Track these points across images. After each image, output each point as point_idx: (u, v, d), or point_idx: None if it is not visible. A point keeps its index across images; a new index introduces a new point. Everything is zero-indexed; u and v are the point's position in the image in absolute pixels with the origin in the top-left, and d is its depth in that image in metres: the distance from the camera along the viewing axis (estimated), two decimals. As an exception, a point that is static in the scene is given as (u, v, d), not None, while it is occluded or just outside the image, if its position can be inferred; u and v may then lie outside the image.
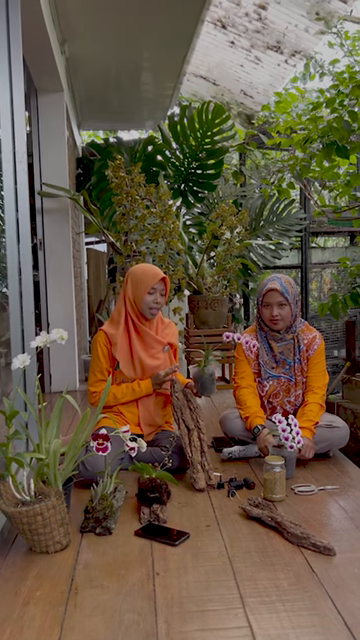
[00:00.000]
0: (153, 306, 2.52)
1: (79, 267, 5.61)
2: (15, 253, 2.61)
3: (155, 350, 2.60)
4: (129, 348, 2.56)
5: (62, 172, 4.23)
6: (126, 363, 2.56)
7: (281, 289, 2.50)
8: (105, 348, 2.57)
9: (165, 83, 5.16)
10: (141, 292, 2.50)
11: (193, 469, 2.28)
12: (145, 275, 2.52)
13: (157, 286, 2.51)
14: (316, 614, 1.40)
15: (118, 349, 2.54)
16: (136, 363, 2.56)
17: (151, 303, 2.51)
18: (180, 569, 1.64)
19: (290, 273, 7.51)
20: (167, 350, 2.65)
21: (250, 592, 1.51)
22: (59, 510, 1.78)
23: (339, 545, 1.76)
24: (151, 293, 2.50)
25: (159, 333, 2.64)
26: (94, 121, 6.39)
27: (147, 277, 2.51)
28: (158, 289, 2.52)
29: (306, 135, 3.56)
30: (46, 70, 3.80)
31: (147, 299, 2.50)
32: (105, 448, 1.97)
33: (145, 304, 2.51)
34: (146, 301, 2.50)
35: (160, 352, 2.62)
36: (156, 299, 2.52)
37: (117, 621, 1.40)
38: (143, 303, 2.51)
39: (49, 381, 4.33)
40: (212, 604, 1.46)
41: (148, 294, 2.50)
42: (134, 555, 1.74)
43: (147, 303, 2.51)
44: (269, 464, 2.13)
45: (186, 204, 5.31)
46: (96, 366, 2.58)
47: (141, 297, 2.50)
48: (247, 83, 5.34)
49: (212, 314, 4.09)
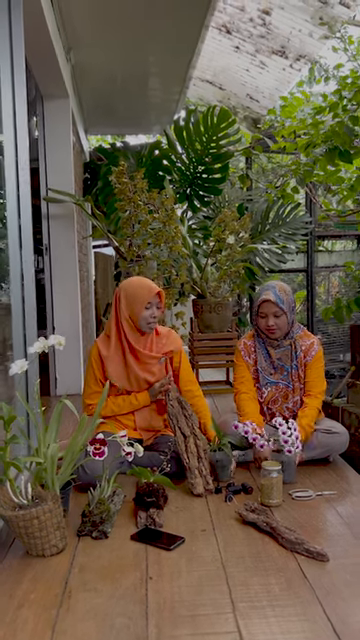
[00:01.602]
0: (151, 320, 2.51)
1: (86, 271, 5.65)
2: (17, 259, 2.65)
3: (150, 365, 2.59)
4: (123, 364, 2.57)
5: (67, 177, 4.27)
6: (121, 380, 2.57)
7: (275, 300, 2.51)
8: (99, 362, 2.58)
9: (171, 88, 5.20)
10: (137, 308, 2.48)
11: (191, 475, 2.29)
12: (140, 290, 2.51)
13: (153, 300, 2.50)
14: (305, 620, 1.41)
15: (110, 369, 2.54)
16: (132, 379, 2.57)
17: (149, 318, 2.50)
18: (174, 573, 1.66)
19: (297, 277, 7.51)
20: (163, 362, 2.65)
21: (241, 597, 1.52)
22: (55, 514, 1.80)
23: (333, 551, 1.76)
24: (148, 308, 2.49)
25: (154, 346, 2.62)
26: (101, 126, 6.44)
27: (143, 292, 2.49)
28: (154, 303, 2.51)
29: (309, 140, 3.57)
30: (51, 77, 3.84)
31: (144, 314, 2.48)
32: (102, 453, 1.99)
33: (143, 319, 2.49)
34: (144, 316, 2.49)
35: (155, 365, 2.61)
36: (153, 313, 2.51)
37: (108, 625, 1.42)
38: (140, 319, 2.49)
39: (54, 384, 4.36)
40: (203, 609, 1.48)
41: (145, 309, 2.48)
42: (129, 559, 1.76)
43: (145, 318, 2.49)
44: (266, 469, 2.13)
45: (192, 208, 5.33)
46: (90, 378, 2.60)
47: (138, 313, 2.48)
48: (253, 87, 5.36)
49: (216, 318, 4.11)
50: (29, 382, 2.72)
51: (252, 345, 2.70)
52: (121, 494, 2.17)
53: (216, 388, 4.30)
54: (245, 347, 2.71)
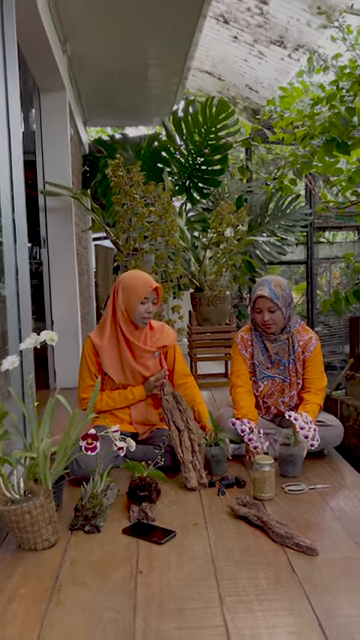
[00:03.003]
0: (146, 315, 2.51)
1: (85, 264, 5.65)
2: (12, 253, 2.65)
3: (145, 359, 2.60)
4: (119, 357, 2.57)
5: (65, 170, 4.26)
6: (117, 373, 2.57)
7: (270, 295, 2.50)
8: (93, 356, 2.58)
9: (170, 79, 5.16)
10: (133, 302, 2.48)
11: (184, 469, 2.30)
12: (137, 284, 2.50)
13: (149, 295, 2.49)
14: (291, 614, 1.42)
15: (105, 361, 2.54)
16: (127, 372, 2.58)
17: (144, 313, 2.50)
18: (163, 567, 1.67)
19: (298, 268, 7.49)
20: (157, 355, 2.65)
21: (229, 591, 1.53)
22: (47, 509, 1.82)
23: (323, 545, 1.77)
24: (143, 303, 2.49)
25: (148, 340, 2.63)
26: (101, 118, 6.41)
27: (139, 286, 2.49)
28: (150, 298, 2.51)
29: (306, 131, 3.54)
30: (47, 69, 3.82)
31: (140, 309, 2.49)
32: (94, 448, 2.00)
33: (138, 314, 2.50)
34: (139, 311, 2.49)
35: (150, 359, 2.62)
36: (148, 308, 2.51)
37: (96, 619, 1.43)
38: (136, 313, 2.49)
39: (54, 378, 4.38)
40: (191, 602, 1.49)
41: (140, 304, 2.48)
42: (120, 553, 1.77)
43: (140, 313, 2.49)
44: (258, 463, 2.14)
45: (191, 200, 5.31)
46: (85, 372, 2.60)
47: (133, 307, 2.48)
48: (252, 78, 5.32)
49: (214, 311, 4.10)
50: (24, 377, 2.73)
51: (249, 339, 2.70)
52: (115, 488, 2.19)
53: (214, 381, 4.31)
54: (242, 340, 2.71)
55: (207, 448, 2.40)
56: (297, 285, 8.08)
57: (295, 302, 7.79)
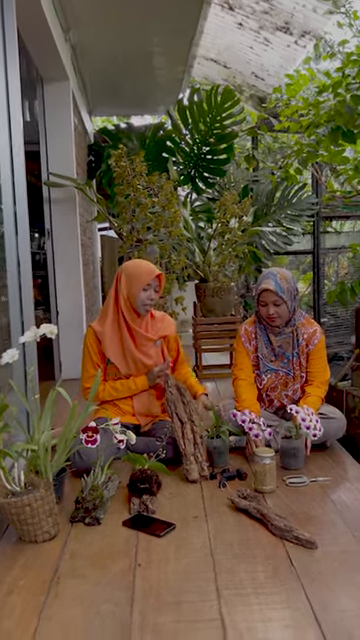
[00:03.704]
0: (147, 302, 2.53)
1: (91, 254, 5.64)
2: (13, 245, 2.64)
3: (147, 347, 2.61)
4: (120, 344, 2.58)
5: (69, 161, 4.24)
6: (119, 360, 2.58)
7: (275, 288, 2.48)
8: (95, 345, 2.59)
9: (174, 67, 5.11)
10: (136, 289, 2.50)
11: (186, 461, 2.30)
12: (140, 271, 2.53)
13: (152, 282, 2.52)
14: (288, 608, 1.42)
15: (108, 347, 2.56)
16: (129, 359, 2.59)
17: (145, 300, 2.52)
18: (162, 560, 1.68)
19: (306, 258, 7.43)
20: (159, 344, 2.67)
21: (227, 584, 1.54)
22: (47, 501, 1.83)
23: (322, 538, 1.76)
24: (146, 290, 2.51)
25: (149, 328, 2.64)
26: (106, 107, 6.37)
27: (142, 274, 2.51)
28: (153, 285, 2.53)
29: (311, 120, 3.49)
30: (49, 58, 3.79)
31: (142, 296, 2.51)
32: (94, 440, 2.01)
33: (140, 301, 2.51)
34: (141, 298, 2.51)
35: (152, 348, 2.63)
36: (150, 295, 2.53)
37: (94, 612, 1.44)
38: (137, 300, 2.51)
39: (59, 369, 4.39)
40: (188, 595, 1.49)
41: (143, 291, 2.50)
42: (120, 546, 1.78)
43: (142, 300, 2.51)
44: (259, 456, 2.14)
45: (196, 190, 5.28)
46: (88, 362, 2.61)
47: (135, 294, 2.51)
48: (258, 65, 5.25)
49: (219, 302, 4.09)
50: (27, 370, 2.74)
51: (253, 331, 2.69)
52: (116, 480, 2.19)
53: (219, 372, 4.30)
54: (246, 333, 2.70)
55: (209, 440, 2.40)
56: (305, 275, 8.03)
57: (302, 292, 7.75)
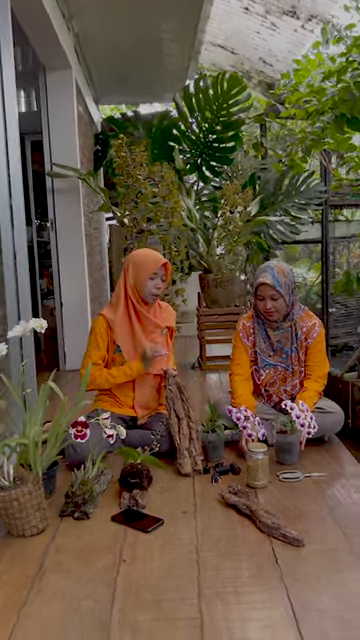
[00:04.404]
0: (154, 291, 2.54)
1: (98, 245, 5.63)
2: (9, 237, 2.64)
3: (155, 334, 2.62)
4: (130, 332, 2.58)
5: (72, 151, 4.21)
6: (128, 347, 2.57)
7: (272, 282, 2.44)
8: (105, 333, 2.58)
9: (180, 53, 5.03)
10: (142, 277, 2.52)
11: (180, 455, 2.29)
12: (147, 260, 2.54)
13: (159, 271, 2.53)
14: (268, 608, 1.41)
15: (118, 334, 2.56)
16: (138, 347, 2.58)
17: (152, 288, 2.53)
18: (147, 556, 1.67)
19: (316, 247, 7.32)
20: (165, 333, 2.68)
21: (209, 582, 1.53)
22: (35, 496, 1.83)
23: (311, 536, 1.74)
24: (152, 278, 2.52)
25: (157, 317, 2.66)
26: (113, 95, 6.30)
27: (149, 262, 2.52)
28: (159, 274, 2.54)
29: (315, 107, 3.41)
30: (51, 47, 3.75)
31: (149, 284, 2.52)
32: (84, 435, 2.00)
33: (147, 289, 2.53)
34: (148, 286, 2.53)
35: (159, 336, 2.64)
36: (157, 284, 2.54)
37: (74, 608, 1.44)
38: (145, 288, 2.53)
39: (64, 359, 4.40)
40: (169, 593, 1.49)
41: (150, 279, 2.52)
42: (107, 541, 1.78)
43: (149, 288, 2.53)
44: (252, 451, 2.12)
45: (202, 179, 5.22)
46: (93, 349, 2.58)
47: (143, 282, 2.52)
48: (265, 51, 5.15)
49: (223, 293, 4.05)
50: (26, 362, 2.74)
51: (251, 326, 2.66)
52: (108, 474, 2.19)
53: (223, 363, 4.26)
54: (244, 328, 2.67)
55: (204, 434, 2.39)
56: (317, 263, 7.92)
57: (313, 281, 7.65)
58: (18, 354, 2.71)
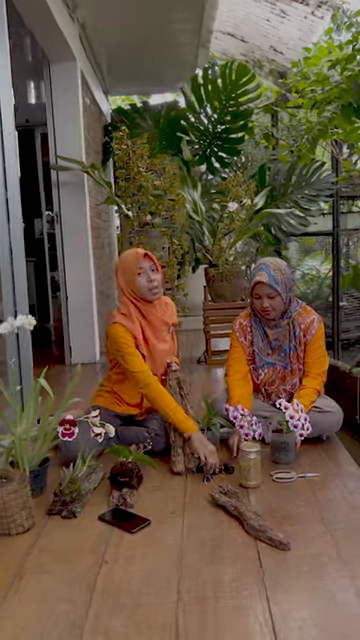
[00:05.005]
0: (149, 286, 2.41)
1: (107, 237, 5.60)
2: (6, 233, 2.62)
3: (163, 333, 2.55)
4: (142, 336, 2.49)
5: (77, 143, 4.18)
6: (144, 350, 2.47)
7: (269, 281, 2.38)
8: (132, 340, 2.41)
9: (189, 42, 4.95)
10: (131, 278, 2.40)
11: (174, 452, 2.26)
12: (127, 260, 2.44)
13: (143, 264, 2.40)
14: (245, 615, 1.37)
15: (140, 343, 2.44)
16: (151, 350, 2.50)
17: (146, 283, 2.40)
18: (129, 558, 1.65)
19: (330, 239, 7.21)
20: (171, 331, 2.61)
21: (189, 587, 1.50)
22: (20, 494, 1.82)
23: (298, 539, 1.70)
24: (140, 274, 2.40)
25: (165, 314, 2.58)
26: (123, 86, 6.25)
27: (130, 261, 2.43)
28: (145, 267, 2.41)
29: (321, 97, 3.33)
30: (54, 39, 3.71)
31: (140, 282, 2.40)
32: (71, 433, 1.99)
33: (142, 287, 2.40)
34: (140, 284, 2.40)
35: (167, 335, 2.57)
36: (149, 277, 2.40)
37: (50, 610, 1.43)
38: (140, 287, 2.41)
39: (69, 353, 4.40)
40: (147, 597, 1.46)
41: (137, 275, 2.40)
42: (91, 541, 1.76)
43: (143, 285, 2.40)
44: (244, 450, 2.08)
45: (210, 170, 5.15)
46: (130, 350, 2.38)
47: (133, 282, 2.40)
48: (276, 38, 5.04)
49: (228, 287, 4.00)
50: (21, 359, 2.74)
51: (248, 325, 2.61)
52: (100, 472, 2.17)
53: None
54: (241, 327, 2.63)
55: None
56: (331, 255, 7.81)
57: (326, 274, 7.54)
58: (15, 350, 2.70)
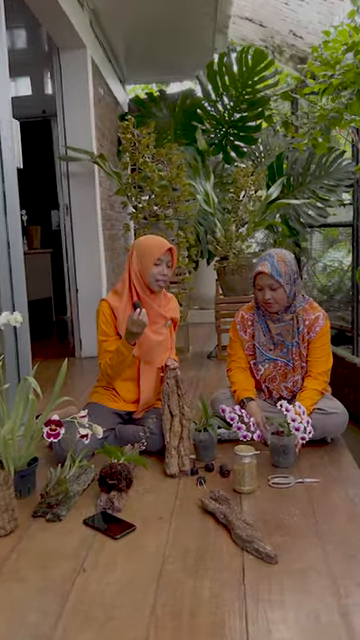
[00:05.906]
0: (160, 278, 2.42)
1: (120, 229, 5.53)
2: (3, 227, 2.57)
3: (158, 325, 2.51)
4: None
5: (87, 133, 4.10)
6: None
7: (271, 271, 2.28)
8: (110, 318, 2.45)
9: (205, 27, 4.81)
10: (147, 264, 2.40)
11: (168, 454, 2.19)
12: (151, 246, 2.42)
13: (163, 257, 2.40)
14: (220, 635, 1.30)
15: (122, 323, 2.43)
16: (141, 338, 2.46)
17: (157, 275, 2.41)
18: (108, 566, 1.59)
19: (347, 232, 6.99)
20: (169, 325, 2.57)
21: (165, 600, 1.43)
22: (2, 497, 1.77)
23: (287, 552, 1.61)
24: (157, 264, 2.40)
25: (162, 308, 2.54)
26: (140, 74, 6.14)
27: (153, 248, 2.40)
28: (164, 260, 2.41)
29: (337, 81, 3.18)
30: (62, 26, 3.63)
31: (153, 271, 2.40)
32: (57, 434, 1.93)
33: (151, 276, 2.41)
34: (152, 273, 2.40)
35: (163, 327, 2.53)
36: (162, 271, 2.41)
37: (20, 621, 1.38)
38: (149, 275, 2.41)
39: (79, 346, 4.36)
40: (121, 611, 1.40)
41: (154, 265, 2.39)
42: (73, 546, 1.70)
43: (153, 275, 2.41)
44: (238, 454, 1.99)
45: (226, 160, 5.03)
46: (103, 337, 2.45)
47: (147, 269, 2.40)
48: (295, 22, 4.86)
49: (239, 280, 3.89)
50: (19, 355, 2.70)
51: (250, 318, 2.52)
52: (90, 473, 2.11)
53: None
54: (242, 320, 2.54)
55: (195, 433, 2.28)
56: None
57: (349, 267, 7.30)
58: (13, 345, 2.66)
